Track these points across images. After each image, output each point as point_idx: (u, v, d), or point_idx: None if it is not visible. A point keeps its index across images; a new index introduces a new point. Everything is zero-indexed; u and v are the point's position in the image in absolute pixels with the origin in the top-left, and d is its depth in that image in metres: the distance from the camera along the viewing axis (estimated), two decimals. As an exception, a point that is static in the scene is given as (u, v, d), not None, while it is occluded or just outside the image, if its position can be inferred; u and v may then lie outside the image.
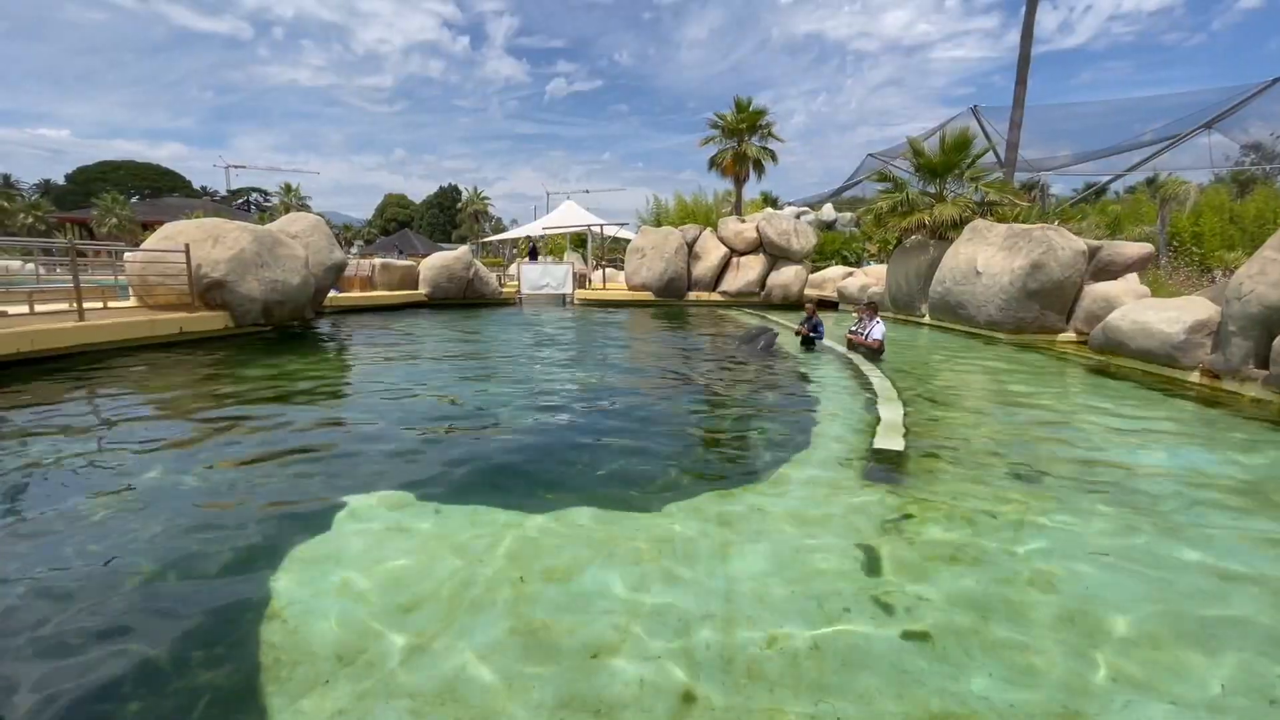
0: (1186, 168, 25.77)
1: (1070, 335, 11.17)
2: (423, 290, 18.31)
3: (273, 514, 3.45)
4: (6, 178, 57.17)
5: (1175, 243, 18.25)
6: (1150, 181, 28.66)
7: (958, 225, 13.82)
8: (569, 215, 29.76)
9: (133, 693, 2.06)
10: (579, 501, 3.67)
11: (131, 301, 11.18)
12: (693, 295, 20.50)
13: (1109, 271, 11.23)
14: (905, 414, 5.64)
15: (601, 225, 27.00)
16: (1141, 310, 8.57)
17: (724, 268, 20.67)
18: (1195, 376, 7.51)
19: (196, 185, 72.23)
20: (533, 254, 19.48)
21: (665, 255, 20.10)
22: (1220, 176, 25.81)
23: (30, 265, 19.10)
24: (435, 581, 2.75)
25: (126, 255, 11.33)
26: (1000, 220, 13.97)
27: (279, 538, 3.15)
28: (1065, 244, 10.87)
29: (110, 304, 10.63)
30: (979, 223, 13.04)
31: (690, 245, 20.81)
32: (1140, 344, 8.26)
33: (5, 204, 42.04)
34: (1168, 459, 4.65)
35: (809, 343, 10.25)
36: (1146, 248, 11.48)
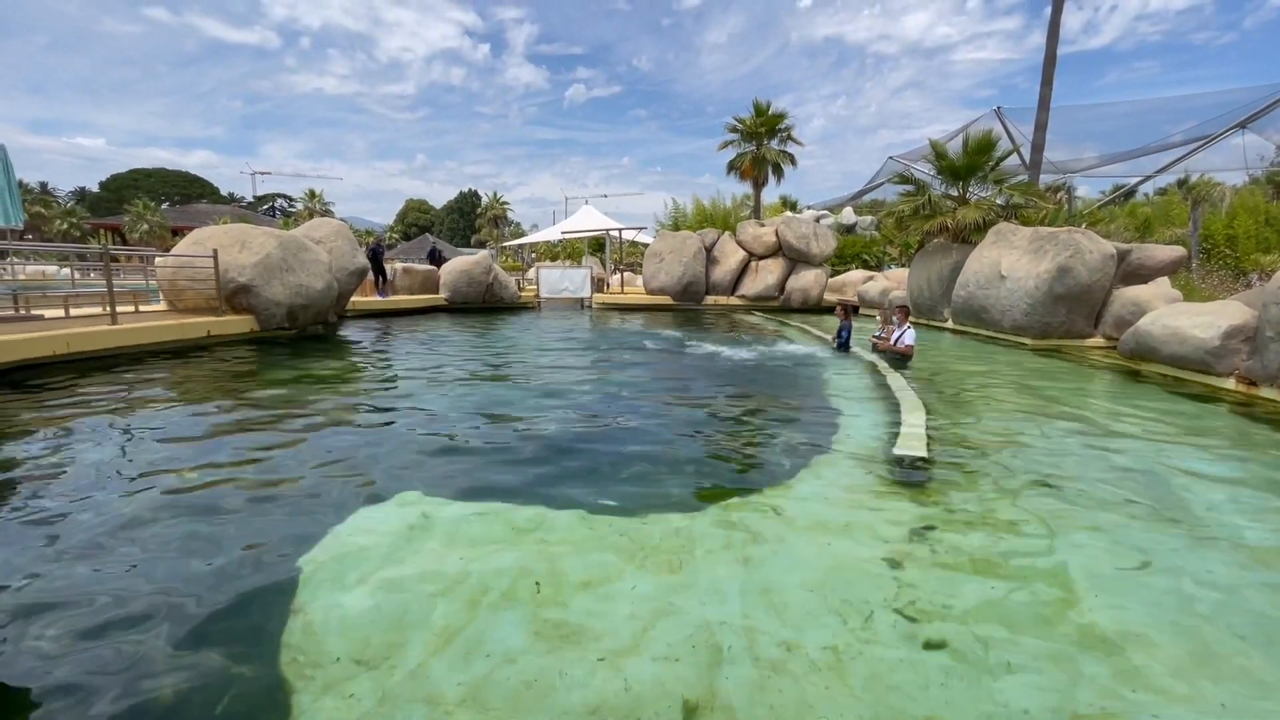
0: (1219, 169, 25.12)
1: (1099, 341, 10.93)
2: (443, 294, 18.50)
3: (295, 513, 3.49)
4: (44, 185, 59.05)
5: (1208, 245, 17.76)
6: (1182, 183, 27.97)
7: (981, 228, 13.61)
8: (587, 219, 29.91)
9: (155, 688, 2.09)
10: (600, 505, 3.67)
11: (161, 305, 11.45)
12: (711, 299, 20.43)
13: (1139, 275, 10.98)
14: (928, 420, 5.55)
15: (620, 229, 27.07)
16: (1174, 315, 8.35)
17: (742, 271, 20.58)
18: (1231, 384, 7.29)
19: (224, 191, 73.98)
20: (375, 255, 16.45)
21: (683, 259, 20.07)
22: (1255, 177, 25.10)
23: (66, 270, 19.69)
24: (455, 583, 2.75)
25: (157, 260, 11.61)
26: (1025, 223, 13.73)
27: (301, 537, 3.19)
28: (1093, 247, 10.65)
29: (141, 308, 10.90)
30: (1003, 226, 12.82)
31: (708, 249, 20.76)
32: (1173, 350, 8.05)
33: (43, 210, 43.44)
34: (1202, 469, 4.51)
35: (843, 347, 10.22)
36: (1178, 251, 11.19)
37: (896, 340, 9.10)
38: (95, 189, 67.80)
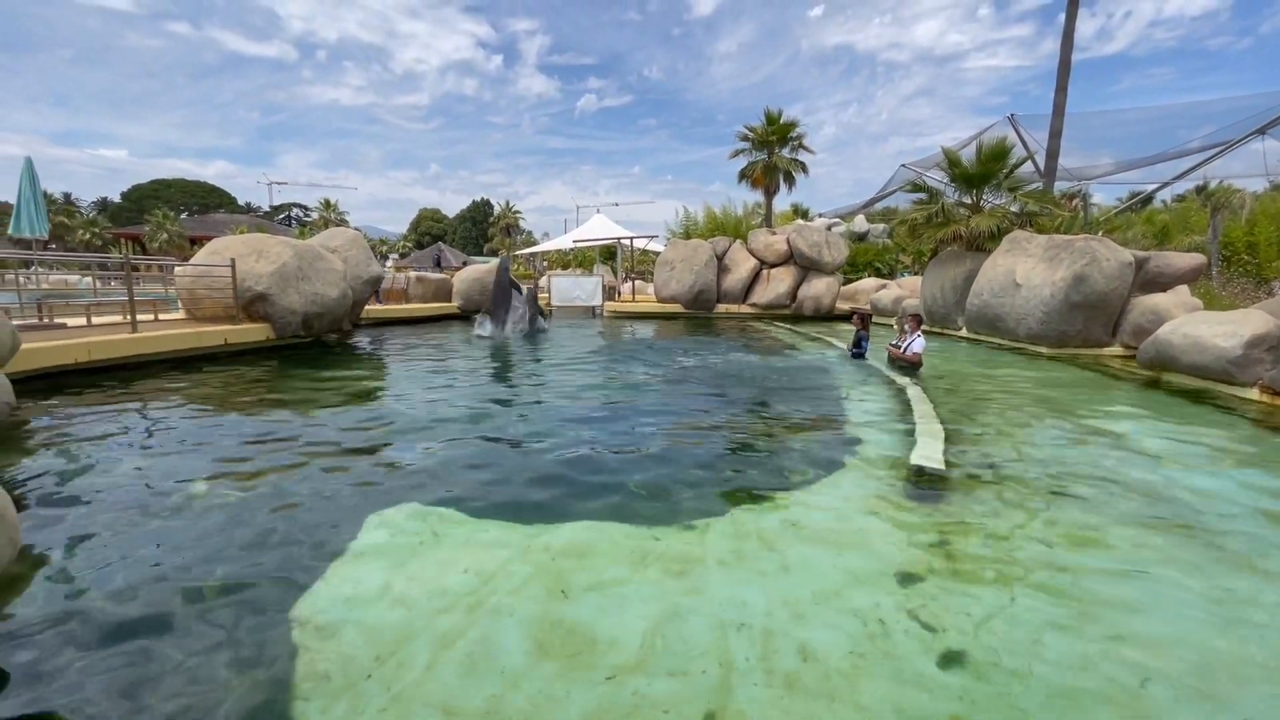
0: (1239, 175, 24.74)
1: (1116, 349, 10.78)
2: (455, 303, 18.64)
3: (308, 522, 3.51)
4: (67, 196, 60.44)
5: (1228, 253, 17.48)
6: (1200, 189, 27.61)
7: (995, 236, 13.51)
8: (599, 228, 30.06)
9: (170, 694, 2.11)
10: (610, 514, 3.66)
11: (180, 314, 11.62)
12: (722, 308, 20.41)
13: (1158, 283, 10.83)
14: (944, 430, 5.49)
15: (631, 238, 27.16)
16: (1194, 324, 8.23)
17: (754, 280, 20.56)
18: (1254, 394, 7.16)
19: (241, 201, 75.27)
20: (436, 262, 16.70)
21: (695, 267, 20.09)
22: (1276, 183, 24.70)
23: (88, 279, 20.05)
24: (466, 592, 2.75)
25: (177, 269, 11.80)
26: (1040, 231, 13.61)
27: (314, 546, 3.21)
28: (1110, 255, 10.52)
29: (160, 316, 11.07)
30: (1018, 233, 12.72)
31: (720, 257, 20.76)
32: (1193, 359, 7.92)
33: (66, 220, 44.36)
34: (1223, 482, 4.42)
35: (858, 356, 10.20)
36: (1198, 258, 11.03)
37: (906, 348, 9.09)
38: (117, 199, 69.22)
